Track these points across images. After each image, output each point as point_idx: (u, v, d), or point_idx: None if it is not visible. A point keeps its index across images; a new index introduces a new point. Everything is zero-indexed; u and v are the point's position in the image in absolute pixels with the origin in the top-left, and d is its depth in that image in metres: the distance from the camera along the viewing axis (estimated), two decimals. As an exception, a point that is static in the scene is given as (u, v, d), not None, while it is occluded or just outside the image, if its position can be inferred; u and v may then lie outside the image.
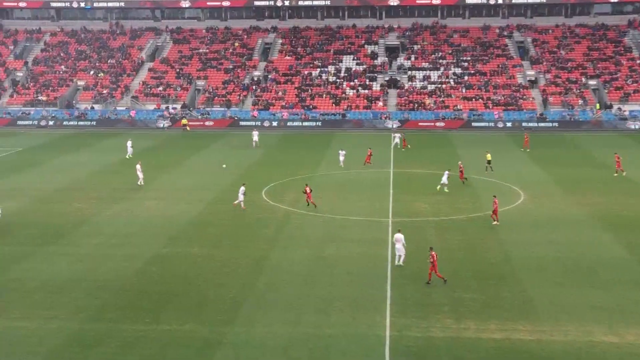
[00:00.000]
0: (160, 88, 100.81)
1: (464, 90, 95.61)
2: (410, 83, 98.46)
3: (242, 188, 47.65)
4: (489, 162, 60.00)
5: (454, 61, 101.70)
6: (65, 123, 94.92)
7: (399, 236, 35.50)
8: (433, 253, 33.15)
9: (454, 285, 32.78)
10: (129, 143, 71.23)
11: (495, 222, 42.96)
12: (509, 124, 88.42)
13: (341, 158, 62.49)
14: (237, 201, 47.61)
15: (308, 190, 47.84)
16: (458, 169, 55.92)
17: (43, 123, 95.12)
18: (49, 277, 34.53)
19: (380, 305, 30.56)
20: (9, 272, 35.19)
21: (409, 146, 72.91)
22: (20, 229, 43.46)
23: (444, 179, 51.97)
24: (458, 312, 29.86)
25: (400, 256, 35.31)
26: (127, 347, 27.16)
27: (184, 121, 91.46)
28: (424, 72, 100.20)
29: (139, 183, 55.42)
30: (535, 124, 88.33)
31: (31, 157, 70.60)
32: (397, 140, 74.12)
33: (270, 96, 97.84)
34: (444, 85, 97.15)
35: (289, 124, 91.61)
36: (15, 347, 27.10)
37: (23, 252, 38.64)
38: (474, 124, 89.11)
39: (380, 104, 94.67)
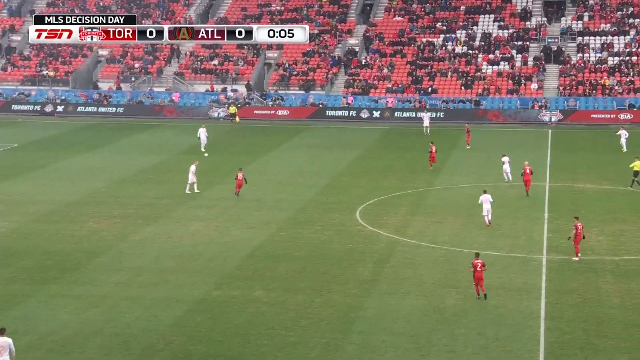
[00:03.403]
0: (215, 62, 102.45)
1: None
2: (580, 55, 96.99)
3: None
4: (635, 173, 58.17)
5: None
6: (80, 109, 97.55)
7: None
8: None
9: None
10: (202, 131, 74.02)
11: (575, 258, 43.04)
12: None
13: (506, 168, 59.61)
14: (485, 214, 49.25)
15: (240, 177, 55.54)
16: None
17: (49, 109, 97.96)
18: (50, 328, 35.09)
19: (527, 384, 30.04)
20: (-4, 319, 36.06)
21: (468, 146, 73.83)
22: (11, 259, 44.34)
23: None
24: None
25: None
26: None
27: (232, 109, 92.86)
28: (603, 37, 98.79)
29: (187, 191, 57.64)
30: None
31: (30, 157, 72.58)
32: (625, 137, 72.40)
33: (371, 75, 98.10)
34: (634, 58, 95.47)
35: (397, 114, 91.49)
36: None
37: (15, 292, 39.30)
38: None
39: (534, 86, 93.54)
